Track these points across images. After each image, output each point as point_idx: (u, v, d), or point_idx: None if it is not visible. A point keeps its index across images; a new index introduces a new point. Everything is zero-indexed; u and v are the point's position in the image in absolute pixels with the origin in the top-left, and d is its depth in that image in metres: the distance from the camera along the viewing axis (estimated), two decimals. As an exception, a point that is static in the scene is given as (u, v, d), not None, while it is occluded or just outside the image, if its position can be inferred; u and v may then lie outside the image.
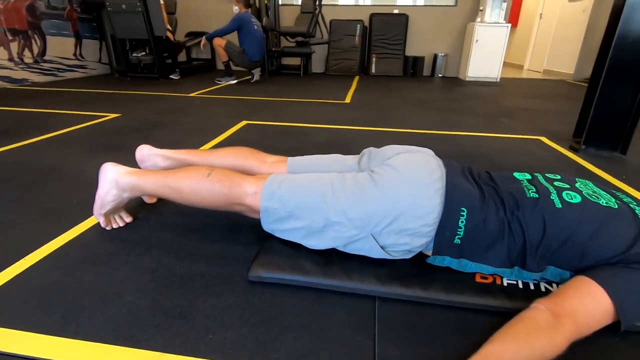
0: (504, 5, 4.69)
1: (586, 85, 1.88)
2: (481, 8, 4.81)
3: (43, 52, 4.15)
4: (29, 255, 0.95)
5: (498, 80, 4.94)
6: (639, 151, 1.92)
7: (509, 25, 4.73)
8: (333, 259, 0.89)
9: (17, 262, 0.92)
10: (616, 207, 0.77)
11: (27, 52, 3.97)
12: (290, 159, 1.13)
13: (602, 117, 1.83)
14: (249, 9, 4.13)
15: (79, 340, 0.69)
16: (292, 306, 0.79)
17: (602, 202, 0.77)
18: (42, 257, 0.94)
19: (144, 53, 4.32)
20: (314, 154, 1.14)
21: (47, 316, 0.75)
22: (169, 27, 4.41)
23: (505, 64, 5.91)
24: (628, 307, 0.65)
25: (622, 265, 0.70)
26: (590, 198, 0.78)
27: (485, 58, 4.86)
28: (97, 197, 1.02)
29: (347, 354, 0.68)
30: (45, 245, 0.99)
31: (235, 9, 4.02)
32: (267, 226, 0.90)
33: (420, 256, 0.88)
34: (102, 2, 4.07)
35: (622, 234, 0.72)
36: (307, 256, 0.90)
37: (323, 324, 0.74)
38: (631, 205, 0.79)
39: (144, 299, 0.80)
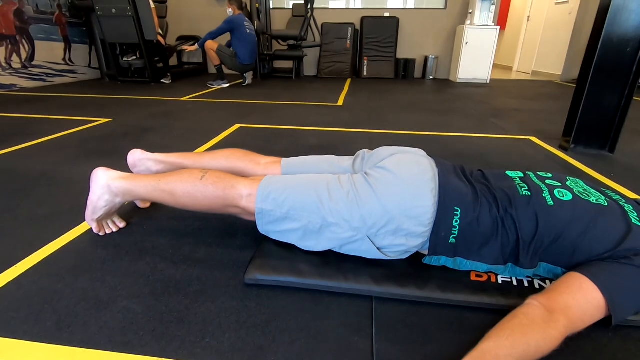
0: (493, 7, 4.77)
1: (574, 85, 1.91)
2: (470, 11, 4.87)
3: (31, 57, 4.09)
4: (20, 263, 0.93)
5: (488, 81, 5.01)
6: (627, 150, 1.96)
7: (498, 27, 4.80)
8: (329, 260, 0.89)
9: (8, 270, 0.90)
10: (606, 204, 0.78)
11: (15, 57, 3.91)
12: (284, 160, 1.12)
13: (590, 116, 1.87)
14: (242, 11, 4.12)
15: (73, 347, 0.68)
16: (288, 308, 0.79)
17: (593, 200, 0.79)
18: (33, 264, 0.93)
19: (134, 57, 4.29)
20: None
21: (40, 323, 0.73)
22: (160, 31, 4.39)
23: (495, 66, 6.00)
24: (619, 302, 0.67)
25: (612, 261, 0.71)
26: (581, 196, 0.80)
27: (475, 60, 4.93)
28: (89, 202, 1.01)
29: (345, 355, 0.68)
30: (37, 252, 0.98)
31: (229, 11, 4.02)
32: (263, 228, 0.90)
33: (416, 256, 0.88)
34: (91, 6, 4.03)
35: (612, 231, 0.74)
36: (303, 258, 0.90)
37: (320, 325, 0.74)
38: (620, 203, 0.80)
39: (138, 304, 0.79)
